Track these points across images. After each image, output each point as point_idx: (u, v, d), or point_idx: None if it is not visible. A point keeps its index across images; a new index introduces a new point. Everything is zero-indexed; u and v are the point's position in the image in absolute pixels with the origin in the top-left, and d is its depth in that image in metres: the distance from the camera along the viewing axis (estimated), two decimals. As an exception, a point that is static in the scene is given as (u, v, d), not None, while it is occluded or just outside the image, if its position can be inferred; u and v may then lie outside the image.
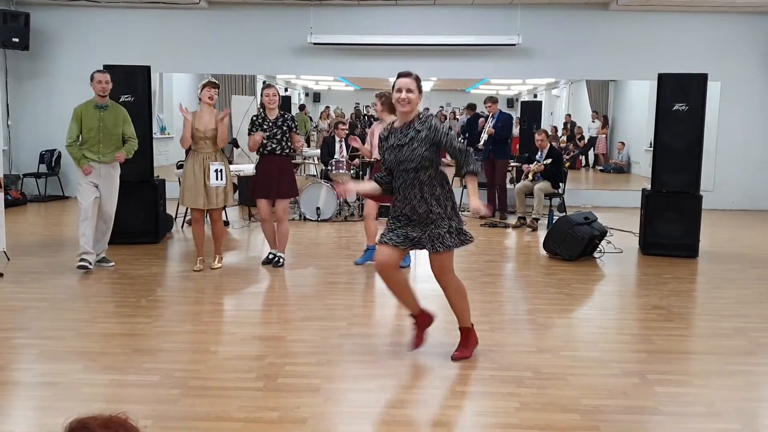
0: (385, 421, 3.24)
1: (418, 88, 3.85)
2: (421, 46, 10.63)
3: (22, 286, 5.60)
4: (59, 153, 10.82)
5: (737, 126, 10.75)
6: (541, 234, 7.82)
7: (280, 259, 6.45)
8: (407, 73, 3.88)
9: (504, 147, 9.74)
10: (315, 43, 10.62)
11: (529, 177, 8.89)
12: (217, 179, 6.08)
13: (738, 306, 5.36)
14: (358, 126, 17.08)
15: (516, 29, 10.46)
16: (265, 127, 6.23)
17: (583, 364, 3.98)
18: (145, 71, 7.46)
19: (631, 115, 16.08)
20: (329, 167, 9.05)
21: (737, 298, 5.59)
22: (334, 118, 16.68)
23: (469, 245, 3.93)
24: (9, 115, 10.85)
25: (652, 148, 7.94)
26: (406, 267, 6.41)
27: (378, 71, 11.14)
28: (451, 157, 3.95)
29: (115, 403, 3.22)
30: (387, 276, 3.95)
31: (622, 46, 10.66)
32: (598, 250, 7.05)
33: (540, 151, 8.88)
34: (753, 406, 3.53)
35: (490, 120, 9.60)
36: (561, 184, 8.94)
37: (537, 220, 8.75)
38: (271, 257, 6.51)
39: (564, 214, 7.97)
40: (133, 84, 7.34)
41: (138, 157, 7.04)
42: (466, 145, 4.25)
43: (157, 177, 7.79)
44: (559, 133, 17.01)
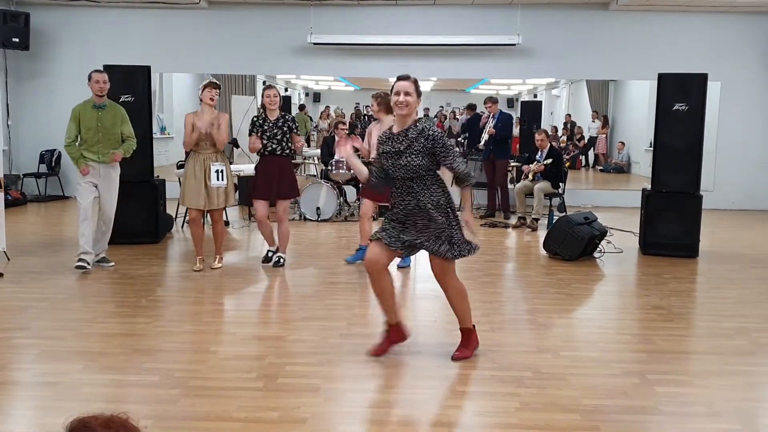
0: (385, 422, 3.24)
1: (417, 91, 3.85)
2: (421, 46, 10.63)
3: (22, 286, 5.60)
4: (59, 153, 10.82)
5: (737, 126, 10.76)
6: (541, 234, 7.82)
7: (280, 259, 6.45)
8: (406, 77, 3.88)
9: (504, 147, 9.74)
10: (315, 43, 10.62)
11: (529, 177, 8.89)
12: (218, 180, 6.08)
13: (738, 306, 5.36)
14: (359, 126, 17.09)
15: (516, 29, 10.46)
16: (266, 127, 6.22)
17: (583, 364, 3.98)
18: (145, 71, 7.46)
19: (631, 115, 16.08)
20: (329, 167, 9.06)
21: (737, 298, 5.59)
22: (334, 118, 16.69)
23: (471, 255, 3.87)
24: (9, 115, 10.86)
25: (652, 148, 7.94)
26: (406, 267, 6.41)
27: (378, 71, 11.15)
28: (449, 170, 3.90)
29: (115, 403, 3.23)
30: (374, 274, 3.92)
31: (622, 46, 10.66)
32: (598, 250, 7.05)
33: (540, 151, 8.88)
34: (753, 406, 3.53)
35: (491, 120, 9.60)
36: (561, 184, 8.94)
37: (537, 220, 8.75)
38: (270, 255, 6.52)
39: (564, 214, 7.97)
40: (133, 84, 7.34)
41: (138, 157, 7.05)
42: (467, 145, 4.25)
43: (157, 177, 7.79)
44: (559, 133, 17.01)
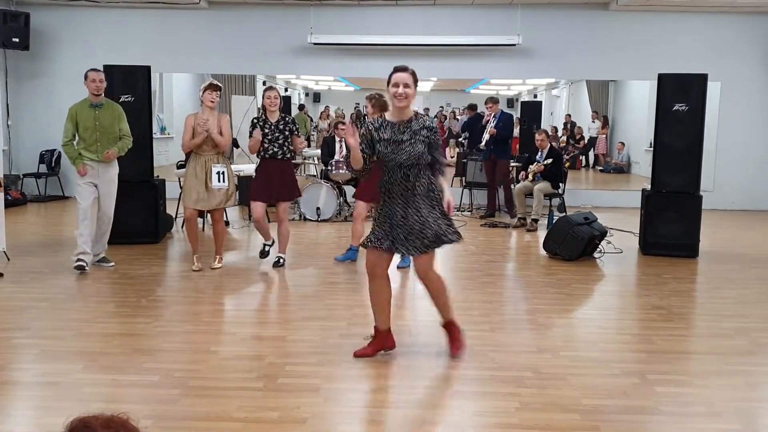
0: (385, 422, 3.24)
1: (415, 83, 3.85)
2: (421, 46, 10.63)
3: (22, 286, 5.60)
4: (59, 153, 10.81)
5: (737, 126, 10.75)
6: (541, 234, 7.82)
7: (280, 259, 6.45)
8: (404, 68, 3.86)
9: (505, 147, 9.75)
10: (315, 43, 10.62)
11: (529, 177, 8.89)
12: (219, 181, 6.08)
13: (738, 306, 5.36)
14: (359, 126, 17.07)
15: (516, 29, 10.46)
16: (267, 130, 6.21)
17: (583, 364, 3.99)
18: (145, 71, 7.46)
19: (631, 115, 16.08)
20: (329, 167, 9.05)
21: (737, 298, 5.59)
22: (334, 118, 16.69)
23: (459, 242, 3.91)
24: (9, 115, 10.86)
25: (652, 148, 7.94)
26: (406, 267, 6.40)
27: (378, 71, 11.04)
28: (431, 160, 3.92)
29: (115, 403, 3.22)
30: (376, 279, 3.91)
31: (622, 46, 10.66)
32: (598, 250, 7.05)
33: (540, 151, 8.89)
34: (753, 406, 3.53)
35: (492, 120, 9.60)
36: (561, 185, 8.94)
37: (536, 221, 8.75)
38: (267, 249, 6.52)
39: (564, 214, 7.97)
40: (133, 84, 7.34)
41: (138, 157, 7.06)
42: (468, 145, 4.27)
43: (157, 177, 7.79)
44: (559, 133, 17.01)
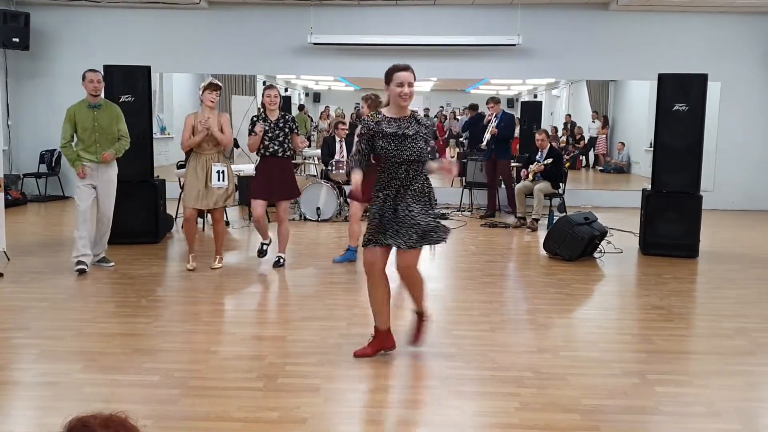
0: (385, 422, 3.24)
1: (414, 80, 3.93)
2: (421, 46, 10.63)
3: (22, 286, 5.60)
4: (59, 153, 10.80)
5: (737, 126, 10.76)
6: (541, 234, 7.82)
7: (280, 259, 6.45)
8: (406, 67, 3.91)
9: (506, 147, 9.75)
10: (315, 43, 10.62)
11: (529, 177, 8.89)
12: (219, 180, 6.08)
13: (738, 306, 5.36)
14: (359, 126, 17.06)
15: (516, 29, 10.46)
16: (267, 128, 6.21)
17: (583, 364, 3.99)
18: (145, 71, 7.46)
19: (631, 115, 16.07)
20: (329, 167, 9.05)
21: (737, 298, 5.59)
22: (334, 118, 16.68)
23: (445, 240, 3.95)
24: (9, 115, 10.86)
25: (652, 149, 7.94)
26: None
27: (378, 71, 10.92)
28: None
29: (115, 403, 3.22)
30: (374, 278, 3.92)
31: (622, 46, 10.66)
32: (598, 250, 7.05)
33: (540, 151, 8.89)
34: (753, 406, 3.53)
35: (493, 119, 9.60)
36: (561, 185, 8.94)
37: (537, 221, 8.75)
38: (265, 248, 6.52)
39: (564, 214, 7.97)
40: (133, 84, 7.34)
41: (138, 157, 7.06)
42: (468, 145, 4.30)
43: (157, 177, 7.79)
44: (559, 133, 17.01)
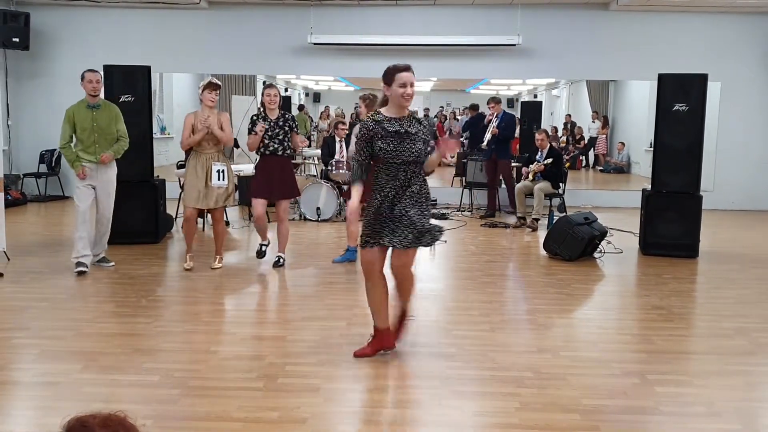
0: (385, 422, 3.24)
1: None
2: (421, 46, 10.63)
3: (22, 286, 5.60)
4: (59, 153, 10.79)
5: (737, 126, 10.75)
6: (541, 234, 7.82)
7: (280, 259, 6.45)
8: (407, 67, 3.92)
9: (507, 147, 9.75)
10: (315, 43, 10.62)
11: (530, 177, 8.89)
12: (219, 180, 6.09)
13: (738, 306, 5.36)
14: (356, 126, 17.03)
15: (516, 29, 10.46)
16: (267, 126, 6.21)
17: (583, 364, 3.99)
18: (145, 71, 7.46)
19: (631, 115, 16.08)
20: (329, 167, 9.05)
21: (737, 298, 5.59)
22: (334, 118, 16.67)
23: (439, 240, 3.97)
24: (9, 115, 10.86)
25: (652, 149, 7.94)
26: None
27: (378, 71, 10.89)
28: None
29: (115, 403, 3.22)
30: (372, 278, 3.92)
31: (622, 46, 10.66)
32: (598, 250, 7.05)
33: (540, 151, 8.89)
34: (753, 406, 3.53)
35: (494, 119, 9.60)
36: (561, 185, 8.94)
37: (537, 221, 8.75)
38: (264, 249, 6.52)
39: (564, 214, 7.96)
40: (133, 84, 7.34)
41: (138, 157, 7.06)
42: (469, 145, 4.30)
43: (157, 177, 7.79)
44: (559, 133, 17.01)
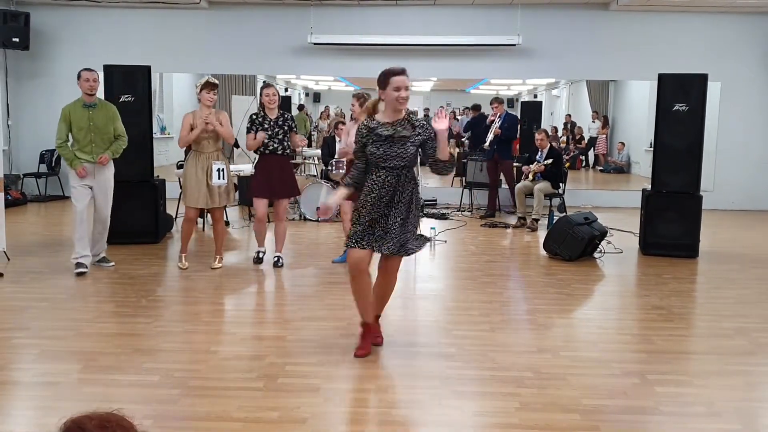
0: (385, 421, 3.24)
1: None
2: (421, 46, 10.63)
3: (22, 286, 5.59)
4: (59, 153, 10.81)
5: (737, 126, 10.75)
6: (541, 234, 7.82)
7: (279, 260, 6.45)
8: (402, 70, 3.90)
9: (509, 147, 9.76)
10: (315, 43, 10.62)
11: (530, 177, 8.89)
12: (219, 178, 6.09)
13: (738, 306, 5.36)
14: (356, 126, 17.01)
15: (516, 29, 10.46)
16: (266, 126, 6.20)
17: (583, 364, 3.98)
18: (145, 71, 7.46)
19: (631, 115, 16.08)
20: (329, 167, 9.04)
21: (737, 298, 5.59)
22: (334, 118, 16.66)
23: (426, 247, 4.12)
24: (9, 115, 10.86)
25: (652, 149, 7.94)
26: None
27: (378, 71, 11.02)
28: (430, 158, 3.93)
29: (115, 404, 3.22)
30: (357, 277, 3.94)
31: (622, 46, 10.66)
32: (598, 250, 7.05)
33: (540, 151, 8.89)
34: (753, 406, 3.53)
35: (497, 120, 9.60)
36: (561, 185, 8.94)
37: (537, 221, 8.75)
38: (261, 256, 6.53)
39: (564, 214, 7.96)
40: (133, 84, 7.34)
41: (138, 157, 7.06)
42: (471, 144, 4.32)
43: (157, 177, 7.79)
44: (559, 133, 17.01)
